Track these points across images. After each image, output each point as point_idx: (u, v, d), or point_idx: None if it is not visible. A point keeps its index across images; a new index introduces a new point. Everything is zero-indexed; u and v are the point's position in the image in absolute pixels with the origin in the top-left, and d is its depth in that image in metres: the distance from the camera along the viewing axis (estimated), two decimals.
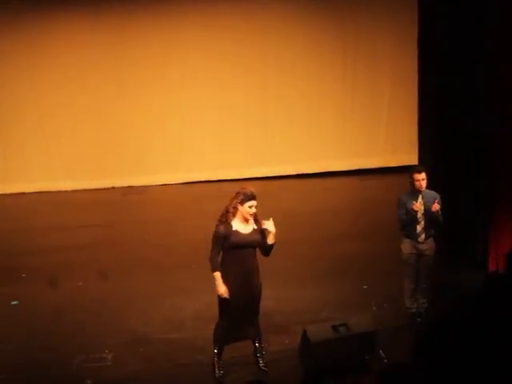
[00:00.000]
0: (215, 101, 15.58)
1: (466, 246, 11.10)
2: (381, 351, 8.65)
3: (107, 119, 15.47)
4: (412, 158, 14.42)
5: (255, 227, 8.27)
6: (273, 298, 10.17)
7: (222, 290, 8.21)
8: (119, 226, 13.51)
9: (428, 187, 9.31)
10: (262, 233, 8.30)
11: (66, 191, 15.44)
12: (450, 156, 11.55)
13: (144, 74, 15.37)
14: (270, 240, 8.24)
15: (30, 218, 14.18)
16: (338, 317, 9.28)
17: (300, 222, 13.17)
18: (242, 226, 8.23)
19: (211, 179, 15.43)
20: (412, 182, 9.25)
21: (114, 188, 15.53)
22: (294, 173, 15.72)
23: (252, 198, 8.19)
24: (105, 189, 15.50)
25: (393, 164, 15.53)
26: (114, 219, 13.90)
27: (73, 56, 15.16)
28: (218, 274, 8.23)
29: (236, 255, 8.21)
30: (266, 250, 8.34)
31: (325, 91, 15.70)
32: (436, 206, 9.10)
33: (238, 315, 8.31)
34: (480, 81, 10.70)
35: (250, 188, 8.31)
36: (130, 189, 15.51)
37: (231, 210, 8.22)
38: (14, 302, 10.63)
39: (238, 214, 8.21)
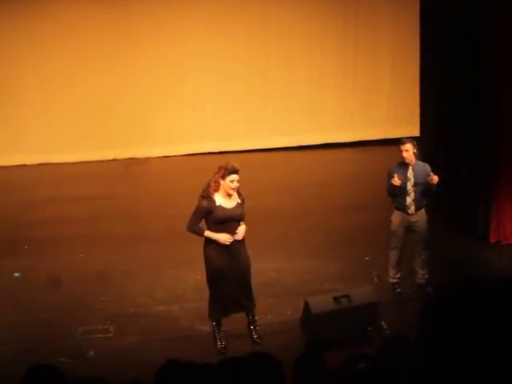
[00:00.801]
0: (216, 73, 15.52)
1: (467, 218, 11.09)
2: (383, 322, 8.67)
3: (108, 91, 15.42)
4: (414, 129, 14.39)
5: (239, 201, 8.29)
6: (275, 269, 10.20)
7: (225, 236, 8.22)
8: (120, 198, 13.50)
9: (422, 159, 9.31)
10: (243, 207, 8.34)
11: (67, 163, 15.43)
12: (451, 127, 11.52)
13: (144, 45, 15.31)
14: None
15: (30, 190, 14.17)
16: (340, 288, 9.31)
17: (301, 193, 13.17)
18: (225, 200, 8.24)
19: (213, 151, 15.40)
20: (400, 154, 9.27)
21: (115, 160, 15.52)
22: (296, 144, 15.69)
23: (233, 172, 8.17)
24: (106, 161, 15.47)
25: (395, 135, 15.42)
26: (115, 191, 13.89)
27: (74, 29, 15.09)
28: (207, 232, 8.25)
29: (221, 230, 8.24)
30: None
31: (326, 62, 15.64)
32: (435, 178, 9.09)
33: (229, 288, 8.35)
34: (482, 51, 10.64)
35: (233, 162, 8.29)
36: (131, 161, 15.49)
37: (213, 184, 8.23)
38: (16, 274, 10.64)
39: (221, 189, 8.21)
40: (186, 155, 15.63)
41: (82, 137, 15.48)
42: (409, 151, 9.18)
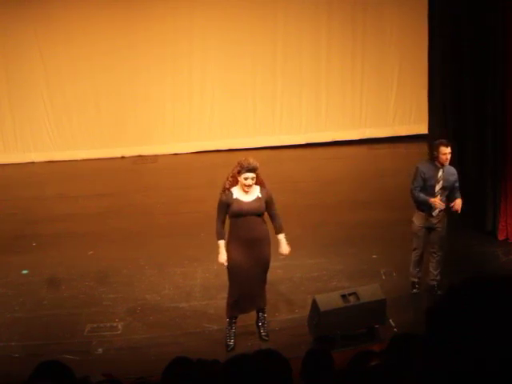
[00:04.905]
0: (224, 71, 15.52)
1: (475, 216, 11.08)
2: (390, 320, 8.68)
3: (117, 89, 15.43)
4: (422, 127, 14.39)
5: (259, 195, 8.27)
6: (282, 266, 10.19)
7: (222, 258, 8.34)
8: (129, 195, 13.52)
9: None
10: (266, 201, 8.31)
11: (75, 160, 15.44)
12: (459, 126, 11.51)
13: (154, 43, 15.31)
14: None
15: (39, 187, 14.19)
16: (347, 286, 9.32)
17: (309, 190, 13.17)
18: (243, 194, 8.24)
19: (221, 148, 15.41)
20: (436, 155, 9.03)
21: (123, 157, 15.53)
22: (303, 142, 15.69)
23: (248, 170, 8.15)
24: (114, 158, 15.48)
25: (402, 133, 15.48)
26: (123, 188, 13.90)
27: (82, 26, 15.09)
28: (221, 243, 8.35)
29: (238, 223, 8.28)
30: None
31: (334, 60, 15.62)
32: (457, 206, 9.05)
33: (246, 284, 8.35)
34: (490, 49, 10.62)
35: (250, 159, 8.25)
36: (139, 158, 15.50)
37: (230, 178, 8.27)
38: (24, 271, 10.67)
39: (239, 183, 8.24)
40: (194, 153, 15.64)
41: (90, 135, 15.50)
42: (451, 154, 9.00)
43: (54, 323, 9.25)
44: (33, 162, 15.47)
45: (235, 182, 8.27)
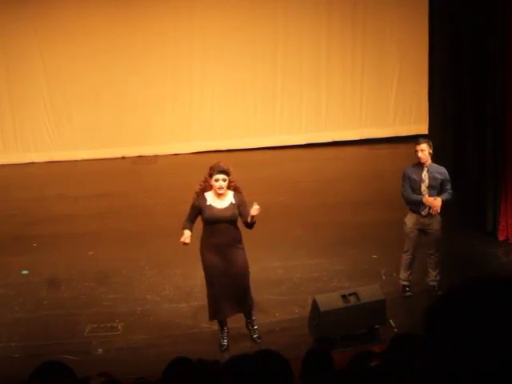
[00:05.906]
0: (224, 71, 15.52)
1: (476, 216, 11.07)
2: (390, 320, 8.67)
3: (117, 89, 15.43)
4: (422, 128, 14.38)
5: (233, 202, 8.25)
6: (282, 267, 10.20)
7: (184, 236, 8.34)
8: (129, 196, 13.51)
9: (436, 160, 9.24)
10: (240, 207, 8.26)
11: (75, 161, 15.44)
12: (459, 126, 11.52)
13: (154, 43, 15.32)
14: (248, 218, 8.20)
15: (39, 188, 14.18)
16: (347, 286, 9.32)
17: (309, 191, 13.17)
18: (217, 200, 8.24)
19: (221, 149, 15.41)
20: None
21: (123, 158, 15.53)
22: (304, 143, 15.68)
23: (219, 171, 8.19)
24: (114, 158, 15.48)
25: (403, 133, 15.45)
26: (123, 188, 13.90)
27: (82, 26, 15.10)
28: (185, 231, 8.34)
29: (210, 229, 8.30)
30: (247, 226, 8.36)
31: (334, 60, 15.62)
32: (435, 208, 9.02)
33: (223, 288, 8.33)
34: (490, 49, 10.62)
35: (221, 163, 8.31)
36: (139, 158, 15.50)
37: (201, 183, 8.30)
38: (25, 272, 10.67)
39: (212, 187, 8.24)
40: (194, 153, 15.63)
41: (90, 135, 15.50)
42: (424, 151, 9.02)
43: (54, 323, 9.25)
44: (33, 163, 15.46)
45: (208, 187, 8.28)
